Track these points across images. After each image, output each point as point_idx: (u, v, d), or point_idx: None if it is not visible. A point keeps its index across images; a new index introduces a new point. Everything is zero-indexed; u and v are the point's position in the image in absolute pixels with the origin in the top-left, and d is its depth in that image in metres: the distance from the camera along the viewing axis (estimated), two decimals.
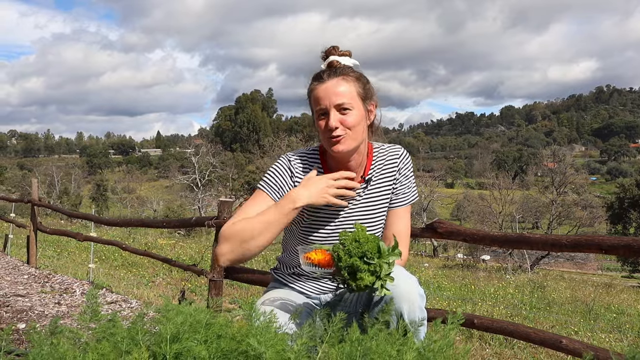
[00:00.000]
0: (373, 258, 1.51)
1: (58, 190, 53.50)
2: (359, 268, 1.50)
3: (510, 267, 25.87)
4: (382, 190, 1.96)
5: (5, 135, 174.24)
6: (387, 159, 1.97)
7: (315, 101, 1.84)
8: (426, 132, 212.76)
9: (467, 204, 51.53)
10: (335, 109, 1.80)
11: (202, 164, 48.94)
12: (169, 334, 1.29)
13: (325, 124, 1.81)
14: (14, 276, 6.39)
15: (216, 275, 4.20)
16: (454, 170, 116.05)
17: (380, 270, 1.51)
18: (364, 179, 1.94)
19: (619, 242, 2.30)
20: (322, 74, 1.85)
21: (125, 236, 16.62)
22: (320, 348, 1.35)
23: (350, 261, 1.51)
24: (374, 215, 1.96)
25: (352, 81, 1.84)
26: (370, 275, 1.50)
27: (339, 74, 1.84)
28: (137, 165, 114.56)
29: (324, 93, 1.81)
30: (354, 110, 1.82)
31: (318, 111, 1.84)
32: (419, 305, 1.62)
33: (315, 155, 1.97)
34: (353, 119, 1.81)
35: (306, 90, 1.92)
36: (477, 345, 4.97)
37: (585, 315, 8.93)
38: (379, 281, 1.52)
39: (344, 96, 1.81)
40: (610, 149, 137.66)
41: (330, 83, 1.82)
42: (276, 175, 1.91)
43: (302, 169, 1.93)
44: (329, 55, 1.91)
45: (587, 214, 33.95)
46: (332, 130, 1.79)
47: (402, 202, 1.98)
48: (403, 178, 1.97)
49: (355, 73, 1.87)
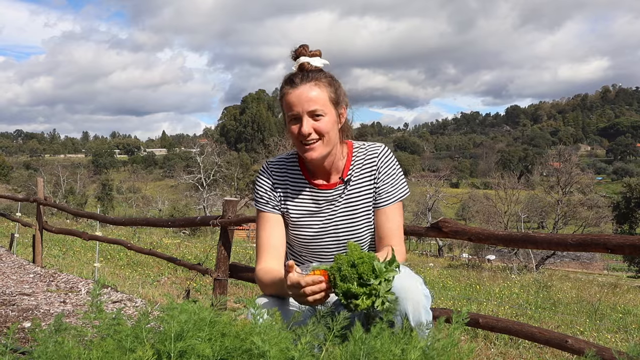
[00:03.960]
0: (369, 279, 1.49)
1: (64, 190, 53.72)
2: (356, 293, 1.48)
3: (515, 266, 25.82)
4: (363, 190, 1.95)
5: (12, 134, 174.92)
6: (365, 158, 1.96)
7: (287, 106, 1.84)
8: (431, 131, 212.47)
9: (472, 204, 51.38)
10: (308, 115, 1.81)
11: (207, 163, 49.00)
12: (173, 332, 1.29)
13: (298, 130, 1.82)
14: (19, 275, 6.42)
15: (221, 275, 4.20)
16: (459, 170, 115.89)
17: (378, 291, 1.49)
18: (343, 180, 1.94)
19: (625, 241, 2.29)
20: (294, 78, 1.84)
21: (130, 235, 16.66)
22: (324, 347, 1.34)
23: (346, 287, 1.49)
24: (357, 215, 1.95)
25: (324, 86, 1.84)
26: (367, 299, 1.48)
27: (311, 78, 1.83)
28: (143, 165, 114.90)
29: (296, 99, 1.81)
30: (326, 117, 1.82)
31: (290, 116, 1.84)
32: (424, 306, 1.60)
33: (294, 161, 2.00)
34: (325, 125, 1.82)
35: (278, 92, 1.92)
36: (482, 345, 4.95)
37: (591, 315, 8.89)
38: (378, 299, 1.50)
39: (316, 102, 1.81)
40: (617, 149, 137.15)
41: (303, 88, 1.81)
42: (263, 190, 1.97)
43: (279, 175, 1.98)
44: (299, 56, 1.90)
45: (593, 214, 33.74)
46: (306, 136, 1.81)
47: (389, 201, 1.95)
48: (384, 176, 1.95)
49: (327, 78, 1.87)
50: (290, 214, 1.95)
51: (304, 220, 1.95)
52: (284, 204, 1.96)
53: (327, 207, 1.95)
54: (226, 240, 4.26)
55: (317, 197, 1.95)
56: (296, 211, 1.95)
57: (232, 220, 4.18)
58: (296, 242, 1.99)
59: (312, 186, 1.96)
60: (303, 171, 1.98)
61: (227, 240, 4.26)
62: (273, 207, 1.95)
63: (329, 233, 1.95)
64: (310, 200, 1.96)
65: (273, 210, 1.95)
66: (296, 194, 1.96)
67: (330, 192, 1.94)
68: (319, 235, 1.95)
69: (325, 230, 1.95)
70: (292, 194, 1.96)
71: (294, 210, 1.95)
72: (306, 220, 1.95)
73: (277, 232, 1.94)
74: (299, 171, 1.98)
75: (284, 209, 1.96)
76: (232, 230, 4.29)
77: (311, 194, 1.96)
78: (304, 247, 1.99)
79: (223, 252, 4.24)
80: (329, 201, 1.95)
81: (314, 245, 1.97)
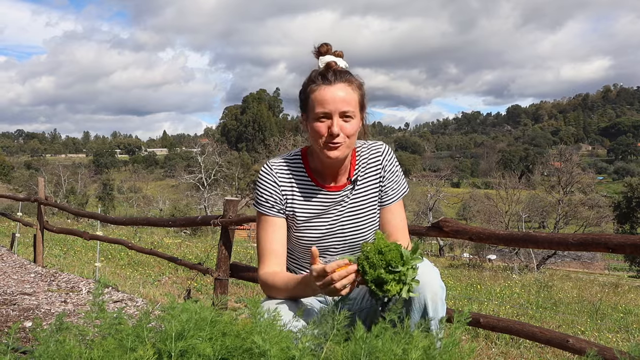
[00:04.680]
0: (397, 266, 1.51)
1: (65, 190, 53.71)
2: (386, 279, 1.50)
3: (516, 266, 25.81)
4: (369, 189, 1.95)
5: (13, 134, 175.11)
6: (370, 157, 1.96)
7: (318, 102, 1.78)
8: (432, 131, 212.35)
9: (473, 204, 51.32)
10: (339, 115, 1.77)
11: (208, 163, 48.98)
12: (174, 331, 1.29)
13: (328, 129, 1.77)
14: (20, 275, 6.42)
15: (222, 274, 4.20)
16: (460, 169, 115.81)
17: (406, 277, 1.52)
18: (350, 180, 1.93)
19: (626, 240, 2.28)
20: (327, 75, 1.80)
21: (131, 235, 16.68)
22: (325, 346, 1.34)
23: (376, 274, 1.51)
24: (363, 214, 1.94)
25: (356, 89, 1.82)
26: (396, 285, 1.51)
27: (345, 79, 1.80)
28: (144, 165, 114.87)
29: (330, 97, 1.77)
30: (354, 119, 1.80)
31: (319, 113, 1.78)
32: (440, 297, 1.62)
33: (298, 160, 1.94)
34: (352, 128, 1.80)
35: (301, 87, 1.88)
36: (483, 345, 4.95)
37: (592, 315, 8.88)
38: (405, 286, 1.53)
39: (349, 104, 1.78)
40: (618, 148, 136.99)
41: (338, 87, 1.78)
42: (268, 193, 1.89)
43: (285, 176, 1.91)
44: (323, 54, 1.87)
45: (594, 214, 33.72)
46: (334, 136, 1.77)
47: (394, 198, 1.96)
48: (389, 174, 1.95)
49: (358, 81, 1.85)
50: (297, 216, 1.91)
51: (311, 222, 1.92)
52: (290, 206, 1.90)
53: (334, 208, 1.92)
54: (227, 240, 4.25)
55: (324, 199, 1.92)
56: (303, 213, 1.91)
57: (233, 220, 4.17)
58: (299, 245, 1.95)
59: (320, 188, 1.92)
60: (308, 171, 1.93)
61: (228, 239, 4.26)
62: (278, 211, 1.89)
63: (335, 233, 1.93)
64: (318, 202, 1.92)
65: (278, 214, 1.89)
66: (303, 196, 1.91)
67: (339, 194, 1.92)
68: (325, 236, 1.92)
69: (331, 231, 1.92)
70: (299, 196, 1.91)
71: (300, 213, 1.91)
72: (313, 222, 1.92)
73: (280, 236, 1.89)
74: (304, 173, 1.93)
75: (290, 212, 1.91)
76: (233, 230, 4.29)
77: (319, 196, 1.92)
78: (307, 249, 1.94)
79: (224, 251, 4.23)
80: (336, 202, 1.92)
81: (318, 247, 1.92)
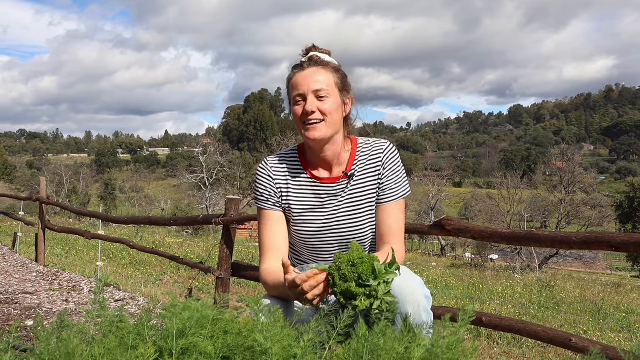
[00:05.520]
0: (369, 280, 1.47)
1: (66, 189, 53.78)
2: (355, 293, 1.47)
3: (518, 266, 25.77)
4: (367, 185, 1.95)
5: (15, 134, 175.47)
6: (370, 154, 1.96)
7: (293, 87, 1.89)
8: (434, 131, 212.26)
9: (475, 204, 51.27)
10: (313, 94, 1.85)
11: (210, 163, 49.01)
12: (175, 329, 1.28)
13: (302, 110, 1.86)
14: (22, 274, 6.43)
15: (223, 273, 4.19)
16: (462, 169, 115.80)
17: (377, 292, 1.48)
18: (346, 174, 1.94)
19: (629, 239, 2.26)
20: (302, 63, 1.92)
21: (133, 235, 16.69)
22: (327, 344, 1.33)
23: (346, 286, 1.48)
24: (360, 211, 1.94)
25: (330, 71, 1.90)
26: (366, 299, 1.47)
27: (318, 64, 1.90)
28: (145, 165, 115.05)
29: (302, 79, 1.87)
30: (330, 98, 1.87)
31: (295, 97, 1.88)
32: (424, 307, 1.59)
33: (294, 155, 2.00)
34: (329, 106, 1.86)
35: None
36: (486, 344, 4.94)
37: (594, 314, 8.87)
38: (377, 301, 1.49)
39: (322, 83, 1.87)
40: (620, 148, 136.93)
41: (310, 71, 1.88)
42: (263, 187, 1.96)
43: (280, 171, 1.98)
44: (309, 52, 1.97)
45: (596, 214, 33.66)
46: (309, 114, 1.84)
47: (391, 198, 1.94)
48: (389, 172, 1.94)
49: (333, 65, 1.93)
50: (292, 209, 1.94)
51: (306, 215, 1.94)
52: (286, 198, 1.95)
53: (330, 202, 1.94)
54: (228, 239, 4.25)
55: (319, 191, 1.94)
56: (298, 206, 1.94)
57: (235, 219, 4.17)
58: (297, 239, 1.97)
59: (314, 179, 1.95)
60: (303, 164, 1.97)
61: (230, 239, 4.25)
62: (274, 204, 1.94)
63: (331, 228, 1.94)
64: (312, 194, 1.94)
65: (274, 207, 1.94)
66: (298, 187, 1.95)
67: (333, 186, 1.94)
68: (321, 230, 1.93)
69: (328, 226, 1.93)
70: (294, 188, 1.95)
71: (295, 204, 1.94)
72: (308, 215, 1.94)
73: (279, 230, 1.93)
74: (299, 164, 1.97)
75: (286, 205, 1.95)
76: (234, 229, 4.29)
77: (313, 188, 1.94)
78: (305, 244, 1.97)
79: (225, 250, 4.23)
80: (331, 195, 1.94)
81: (316, 242, 1.95)
